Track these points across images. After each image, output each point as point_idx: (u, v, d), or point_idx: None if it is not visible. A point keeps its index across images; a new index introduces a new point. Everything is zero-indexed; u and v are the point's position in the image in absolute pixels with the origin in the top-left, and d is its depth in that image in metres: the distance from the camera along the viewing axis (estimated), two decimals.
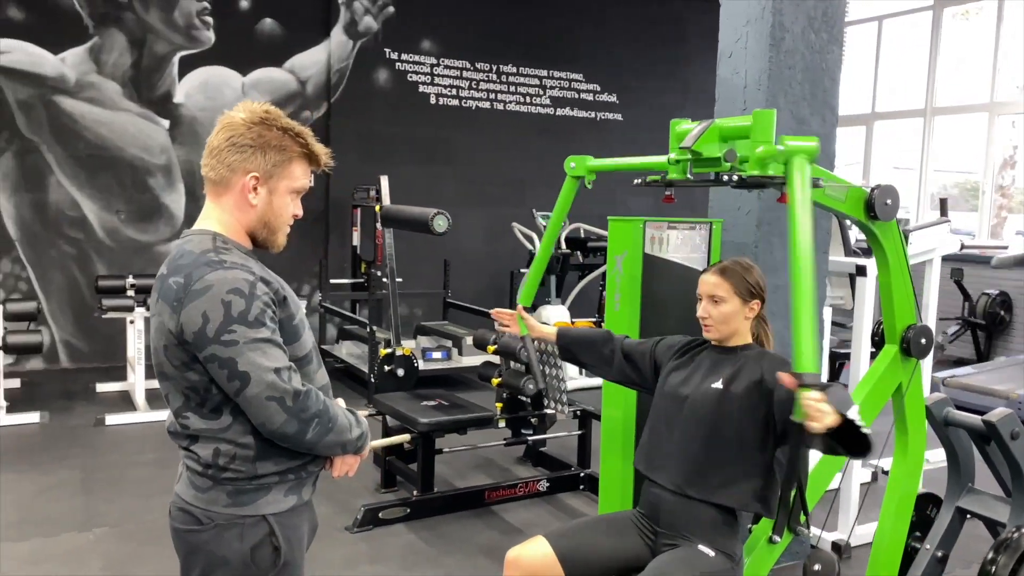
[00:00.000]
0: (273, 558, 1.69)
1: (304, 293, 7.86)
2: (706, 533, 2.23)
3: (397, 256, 8.01)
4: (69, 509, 4.03)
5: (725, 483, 2.22)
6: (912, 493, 2.83)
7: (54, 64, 6.89)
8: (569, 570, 2.26)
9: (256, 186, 1.72)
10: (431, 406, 4.04)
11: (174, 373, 1.64)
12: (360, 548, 3.73)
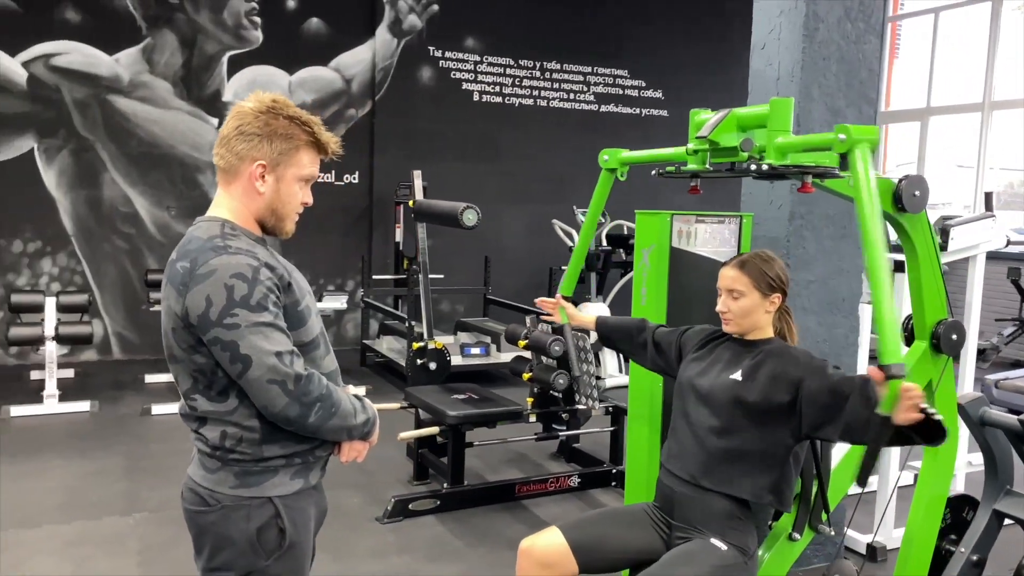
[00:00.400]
0: (278, 540, 1.72)
1: (348, 289, 7.97)
2: (719, 526, 2.20)
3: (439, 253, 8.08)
4: (112, 494, 4.16)
5: (739, 475, 2.19)
6: (943, 494, 2.75)
7: (109, 64, 7.11)
8: (582, 561, 2.26)
9: (263, 174, 1.75)
10: (461, 399, 4.07)
11: (182, 356, 1.68)
12: (389, 539, 3.77)
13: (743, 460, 2.20)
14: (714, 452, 2.22)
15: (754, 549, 2.24)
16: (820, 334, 3.56)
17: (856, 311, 3.68)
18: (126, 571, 3.34)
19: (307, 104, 7.78)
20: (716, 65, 9.43)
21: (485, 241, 7.98)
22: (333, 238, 7.93)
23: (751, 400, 2.19)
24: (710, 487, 2.21)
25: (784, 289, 2.32)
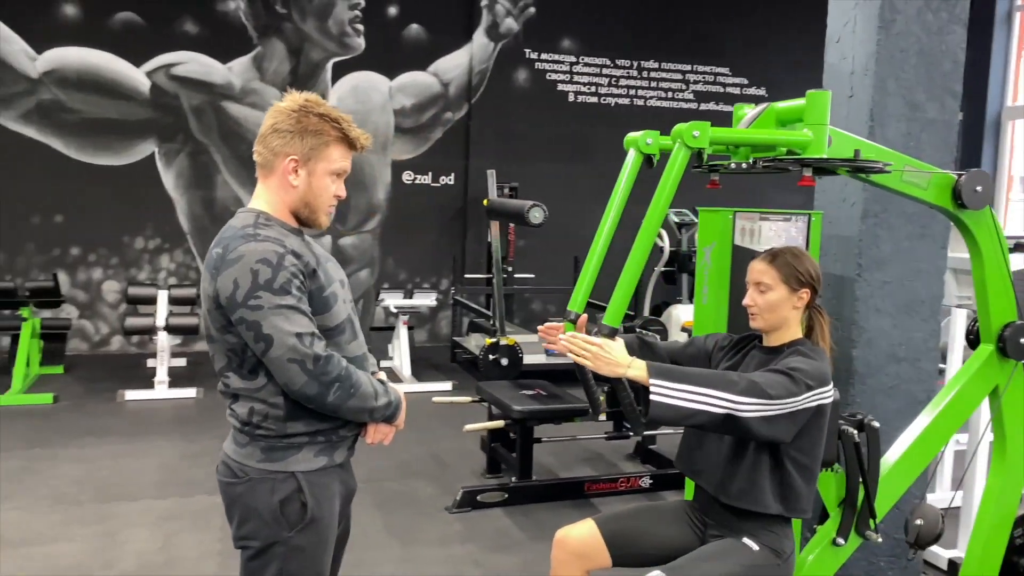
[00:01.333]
0: (300, 513, 1.83)
1: (442, 287, 8.16)
2: (753, 528, 2.16)
3: (532, 253, 8.19)
4: (205, 475, 4.43)
5: (747, 486, 2.14)
6: (1013, 505, 2.60)
7: (222, 72, 7.56)
8: (616, 554, 2.27)
9: (296, 168, 1.86)
10: (529, 395, 4.12)
11: (217, 336, 1.81)
12: (455, 528, 3.87)
13: (748, 472, 2.15)
14: (726, 467, 2.18)
15: (789, 552, 2.19)
16: (896, 337, 3.41)
17: (937, 315, 3.50)
18: (208, 546, 3.57)
19: (406, 108, 8.05)
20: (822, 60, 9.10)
21: (577, 241, 7.98)
22: (429, 237, 8.14)
23: None
24: (727, 502, 2.18)
25: (814, 286, 2.25)
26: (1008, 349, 2.46)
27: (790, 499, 2.13)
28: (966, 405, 2.50)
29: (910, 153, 3.30)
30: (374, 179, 8.05)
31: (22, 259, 7.21)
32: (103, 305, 7.48)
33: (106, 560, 3.42)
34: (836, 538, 2.38)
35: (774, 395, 2.00)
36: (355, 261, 8.06)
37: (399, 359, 6.78)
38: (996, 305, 2.47)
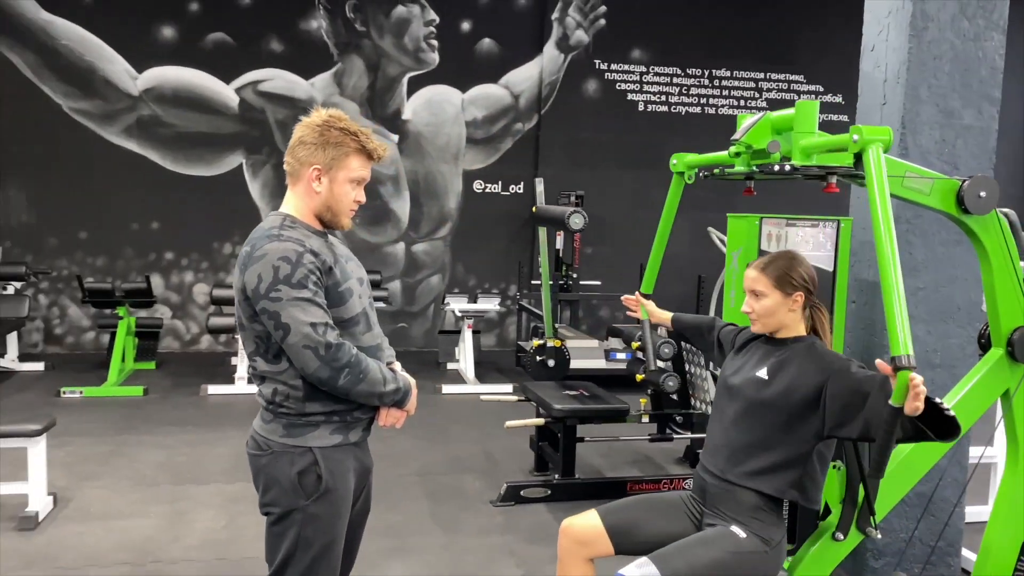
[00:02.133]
0: (316, 484, 2.05)
1: (510, 293, 8.37)
2: (744, 516, 2.27)
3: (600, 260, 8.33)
4: None
5: (763, 470, 2.25)
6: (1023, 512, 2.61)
7: (305, 88, 8.00)
8: (616, 542, 2.41)
9: (319, 176, 2.09)
10: (571, 395, 4.27)
11: (246, 324, 2.05)
12: (497, 520, 4.05)
13: (767, 456, 2.25)
14: (739, 447, 2.30)
15: (778, 541, 2.28)
16: (930, 344, 3.41)
17: (976, 321, 3.48)
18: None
19: (477, 120, 8.32)
20: None
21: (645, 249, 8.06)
22: (497, 244, 8.37)
23: (773, 397, 2.25)
24: (736, 481, 2.28)
25: (808, 288, 2.34)
26: (1017, 353, 2.48)
27: (808, 490, 2.24)
28: (975, 407, 2.53)
29: (945, 159, 3.34)
30: (446, 188, 8.35)
31: (121, 263, 7.81)
32: (193, 306, 8.01)
33: (175, 535, 3.75)
34: (836, 533, 2.45)
35: None
36: (427, 267, 8.37)
37: (464, 361, 7.02)
38: (1005, 309, 2.49)
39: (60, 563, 3.44)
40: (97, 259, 7.79)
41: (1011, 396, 2.53)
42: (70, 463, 4.60)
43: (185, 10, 7.75)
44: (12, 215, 7.64)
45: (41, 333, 7.77)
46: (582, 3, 8.46)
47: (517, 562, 3.57)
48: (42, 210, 7.68)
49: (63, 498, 4.10)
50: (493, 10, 8.32)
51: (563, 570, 2.45)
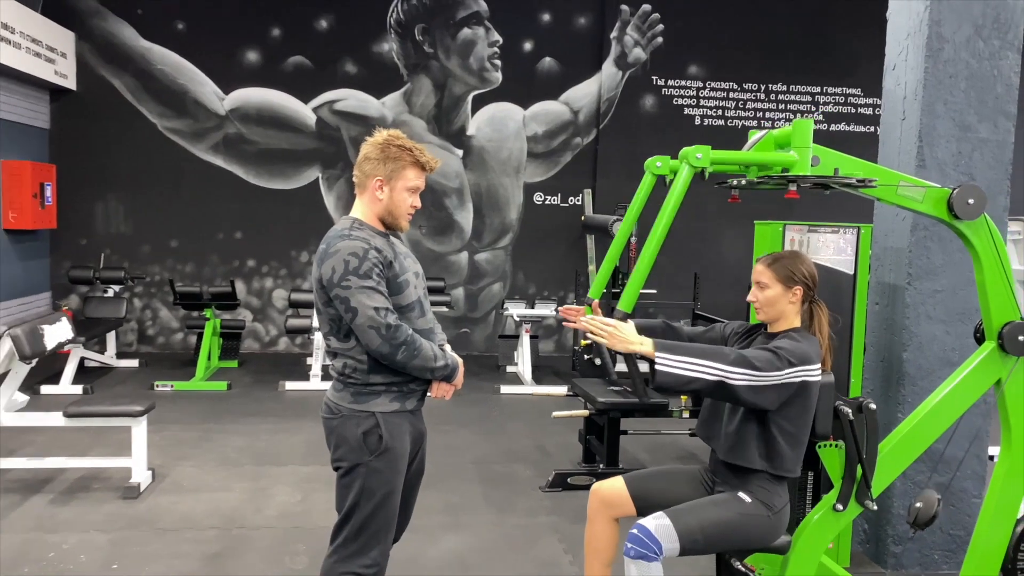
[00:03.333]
0: (378, 443, 2.45)
1: (568, 300, 8.71)
2: (751, 485, 2.58)
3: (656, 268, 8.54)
4: None
5: (743, 447, 2.55)
6: (1019, 486, 2.83)
7: (376, 107, 8.53)
8: (639, 505, 2.74)
9: (381, 185, 2.50)
10: (615, 391, 4.60)
11: (323, 309, 2.47)
12: (544, 503, 4.40)
13: (744, 434, 2.56)
14: (728, 432, 2.61)
15: (780, 507, 2.58)
16: (948, 343, 3.64)
17: None
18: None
19: (538, 135, 8.72)
20: None
21: (700, 258, 8.38)
22: (556, 253, 8.73)
23: None
24: (731, 461, 2.60)
25: (807, 284, 2.63)
26: (1007, 345, 2.72)
27: (775, 459, 2.54)
28: (968, 395, 2.77)
29: (961, 170, 3.59)
30: (507, 200, 8.76)
31: (207, 269, 8.45)
32: (272, 310, 8.59)
33: (256, 507, 4.22)
34: (836, 504, 2.73)
35: (760, 367, 2.42)
36: (488, 275, 8.79)
37: (522, 364, 7.39)
38: (996, 305, 2.73)
39: (159, 526, 3.93)
40: (186, 265, 8.45)
41: (1003, 384, 2.77)
42: (164, 445, 5.14)
43: (267, 36, 8.38)
44: (111, 225, 8.36)
45: (135, 333, 8.46)
46: (640, 22, 8.79)
47: (560, 538, 3.92)
48: (138, 220, 8.38)
49: (160, 474, 4.62)
50: (554, 30, 8.72)
51: (591, 527, 2.80)
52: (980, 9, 3.54)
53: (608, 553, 2.79)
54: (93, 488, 4.38)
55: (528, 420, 6.10)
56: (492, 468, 4.95)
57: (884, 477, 2.78)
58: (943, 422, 2.79)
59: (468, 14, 8.58)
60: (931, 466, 3.66)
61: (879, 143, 3.91)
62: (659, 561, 2.45)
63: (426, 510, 4.15)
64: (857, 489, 2.73)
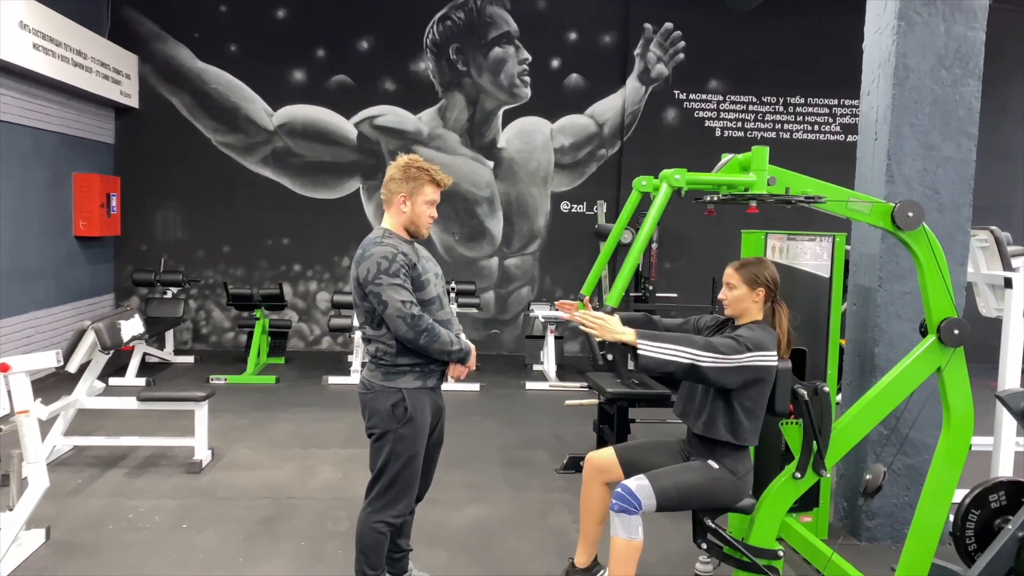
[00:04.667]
0: (404, 414, 2.97)
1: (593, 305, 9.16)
2: (717, 453, 3.05)
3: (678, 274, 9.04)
4: None
5: (711, 421, 3.03)
6: (959, 460, 3.25)
7: (413, 122, 9.11)
8: (626, 471, 3.22)
9: (405, 200, 3.04)
10: (623, 382, 5.07)
11: (359, 303, 3.01)
12: (557, 482, 4.90)
13: (713, 411, 3.04)
14: (701, 408, 3.09)
15: (744, 473, 3.05)
16: (915, 339, 3.97)
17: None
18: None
19: (565, 147, 9.22)
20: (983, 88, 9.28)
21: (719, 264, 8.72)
22: (582, 259, 9.21)
23: None
24: (703, 434, 3.08)
25: (769, 286, 3.10)
26: (944, 338, 3.15)
27: (737, 431, 3.01)
28: (912, 380, 3.21)
29: (926, 184, 4.03)
30: (536, 209, 9.28)
31: (257, 273, 9.10)
32: (316, 312, 9.21)
33: (303, 482, 4.78)
34: (795, 473, 3.18)
35: (723, 352, 2.90)
36: (517, 279, 9.31)
37: (547, 362, 7.89)
38: (935, 304, 3.17)
39: (219, 496, 4.51)
40: (237, 269, 9.11)
41: (942, 371, 3.20)
42: (221, 430, 5.74)
43: (313, 56, 9.02)
44: (169, 232, 9.06)
45: (190, 332, 9.14)
46: (662, 39, 9.26)
47: (569, 511, 4.41)
48: (193, 227, 9.07)
49: (218, 453, 5.21)
50: (580, 48, 9.23)
51: (586, 490, 3.31)
52: (943, 42, 3.97)
53: (600, 512, 3.29)
54: (161, 464, 4.99)
55: (549, 412, 6.60)
56: (513, 453, 5.46)
57: (837, 451, 3.22)
58: (890, 404, 3.23)
59: (499, 34, 9.13)
60: (903, 451, 4.08)
61: (857, 160, 4.35)
62: (639, 515, 2.94)
63: (451, 486, 4.69)
64: (813, 460, 3.19)
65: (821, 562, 3.53)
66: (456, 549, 3.88)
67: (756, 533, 3.19)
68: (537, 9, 9.17)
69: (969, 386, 3.24)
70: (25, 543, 3.61)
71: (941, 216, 4.04)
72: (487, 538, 4.04)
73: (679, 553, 3.88)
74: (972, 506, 3.65)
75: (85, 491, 4.50)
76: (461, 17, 9.10)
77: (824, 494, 4.14)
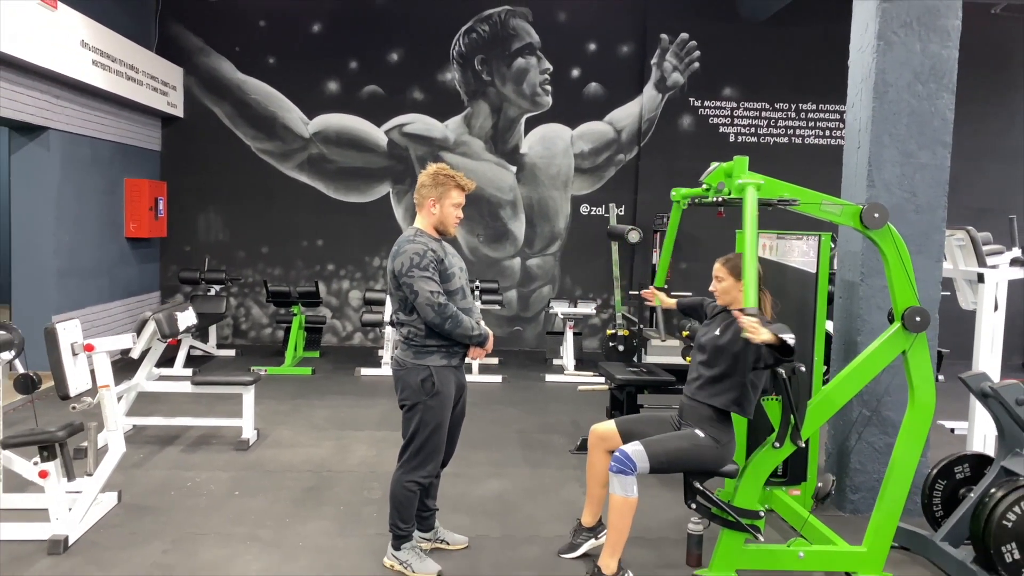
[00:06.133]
0: (431, 388, 3.45)
1: (611, 302, 9.63)
2: (703, 424, 3.50)
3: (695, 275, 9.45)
4: None
5: (716, 392, 3.47)
6: (922, 435, 3.66)
7: (440, 129, 9.62)
8: (624, 440, 3.67)
9: (434, 204, 3.52)
10: (632, 371, 5.52)
11: (394, 292, 3.50)
12: (571, 461, 5.36)
13: (719, 383, 3.48)
14: (703, 379, 3.53)
15: (726, 440, 3.49)
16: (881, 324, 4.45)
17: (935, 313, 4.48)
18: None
19: (584, 152, 9.68)
20: (992, 94, 9.64)
21: None
22: (601, 260, 9.66)
23: (724, 345, 3.48)
24: (699, 400, 3.52)
25: None
26: (907, 324, 3.57)
27: (743, 405, 3.46)
28: (880, 362, 3.62)
29: (904, 188, 4.44)
30: (556, 211, 9.74)
31: (294, 272, 9.65)
32: (349, 309, 9.75)
33: (340, 458, 5.29)
34: (775, 443, 3.61)
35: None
36: (539, 279, 9.77)
37: (566, 357, 8.34)
38: (900, 294, 3.58)
39: (266, 469, 5.03)
40: (275, 269, 9.67)
41: (907, 354, 3.61)
42: (264, 415, 6.26)
43: (346, 68, 9.56)
44: (212, 233, 9.65)
45: (231, 328, 9.71)
46: (678, 49, 9.68)
47: (580, 485, 4.86)
48: (234, 229, 9.65)
49: (263, 434, 5.74)
50: (599, 58, 9.68)
51: (590, 457, 3.79)
52: (919, 60, 4.38)
53: (603, 476, 3.76)
54: (212, 442, 5.52)
55: (566, 402, 7.05)
56: (532, 436, 5.93)
57: (813, 423, 3.65)
58: (860, 382, 3.66)
59: (522, 45, 9.61)
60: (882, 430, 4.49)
61: (843, 166, 4.76)
62: (633, 475, 3.39)
63: (475, 463, 5.17)
64: (791, 432, 3.62)
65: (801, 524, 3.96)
66: (479, 514, 4.36)
67: (741, 495, 3.63)
68: (558, 21, 9.64)
69: (931, 367, 3.65)
70: (102, 503, 4.14)
71: (918, 217, 4.44)
72: (506, 506, 4.51)
73: (676, 519, 4.32)
74: (939, 476, 4.08)
75: (147, 464, 5.04)
76: (486, 30, 9.60)
77: (812, 469, 4.55)
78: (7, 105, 6.34)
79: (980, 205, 9.32)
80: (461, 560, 3.78)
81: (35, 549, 3.71)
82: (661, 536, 4.15)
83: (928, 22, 4.38)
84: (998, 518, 3.48)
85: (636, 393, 5.42)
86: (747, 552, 3.67)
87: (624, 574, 3.46)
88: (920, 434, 3.69)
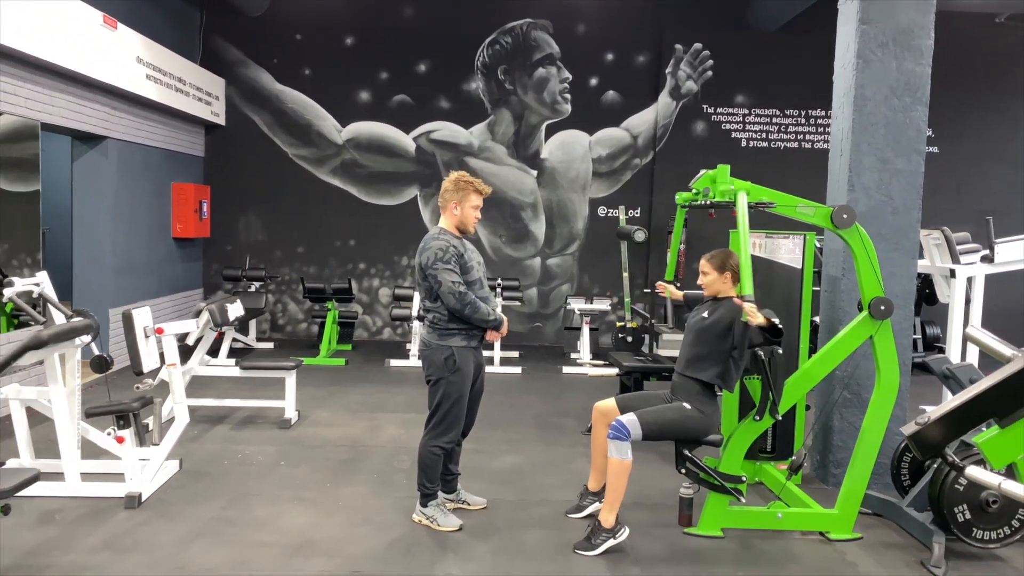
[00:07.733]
0: (453, 365, 3.99)
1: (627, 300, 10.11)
2: (690, 397, 4.00)
3: None
4: None
5: (702, 368, 3.98)
6: (887, 413, 4.13)
7: (465, 136, 10.18)
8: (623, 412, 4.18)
9: (456, 206, 4.06)
10: (639, 359, 6.02)
11: (421, 282, 4.04)
12: (581, 440, 5.87)
13: (705, 360, 3.98)
14: (691, 356, 4.04)
15: (710, 412, 3.99)
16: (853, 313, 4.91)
17: (909, 305, 4.94)
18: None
19: (602, 157, 10.18)
20: (994, 101, 9.99)
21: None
22: (617, 259, 10.12)
23: (709, 325, 3.98)
24: (688, 375, 4.03)
25: (734, 270, 4.03)
26: (873, 313, 4.04)
27: (727, 379, 3.96)
28: (848, 345, 4.11)
29: (881, 192, 4.91)
30: (575, 213, 10.25)
31: (328, 270, 10.26)
32: (379, 305, 10.33)
33: (373, 436, 5.85)
34: (755, 416, 4.10)
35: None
36: (558, 277, 10.29)
37: (582, 350, 8.85)
38: (867, 285, 4.06)
39: (307, 444, 5.60)
40: (310, 267, 10.29)
41: (873, 339, 4.09)
42: (302, 399, 6.84)
43: (377, 78, 10.15)
44: (251, 234, 10.28)
45: (268, 323, 10.34)
46: (692, 58, 10.15)
47: (588, 459, 5.35)
48: (272, 230, 10.27)
49: (302, 415, 6.32)
50: (616, 67, 10.19)
51: (594, 431, 4.31)
52: (895, 76, 4.84)
53: (605, 446, 4.23)
54: (258, 422, 6.11)
55: (581, 391, 7.57)
56: (546, 419, 6.45)
57: (788, 400, 4.14)
58: (831, 364, 4.15)
59: (543, 56, 10.14)
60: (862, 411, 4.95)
61: (828, 172, 5.22)
62: (628, 441, 3.90)
63: (493, 441, 5.70)
64: (769, 407, 4.11)
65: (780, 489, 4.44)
66: (496, 482, 4.89)
67: (725, 462, 4.14)
68: (577, 33, 10.16)
69: (895, 351, 4.13)
70: (167, 468, 4.73)
71: (895, 218, 4.90)
72: (520, 475, 5.04)
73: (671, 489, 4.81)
74: (907, 450, 4.53)
75: (202, 439, 5.63)
76: (508, 41, 10.14)
77: (797, 446, 5.02)
78: (72, 117, 6.99)
79: (984, 207, 9.68)
80: (480, 517, 4.31)
81: (113, 504, 4.30)
82: (657, 502, 4.64)
83: (903, 42, 4.84)
84: (951, 483, 3.93)
85: (642, 379, 5.92)
86: (732, 512, 4.17)
87: (620, 527, 3.97)
88: (886, 409, 4.16)
